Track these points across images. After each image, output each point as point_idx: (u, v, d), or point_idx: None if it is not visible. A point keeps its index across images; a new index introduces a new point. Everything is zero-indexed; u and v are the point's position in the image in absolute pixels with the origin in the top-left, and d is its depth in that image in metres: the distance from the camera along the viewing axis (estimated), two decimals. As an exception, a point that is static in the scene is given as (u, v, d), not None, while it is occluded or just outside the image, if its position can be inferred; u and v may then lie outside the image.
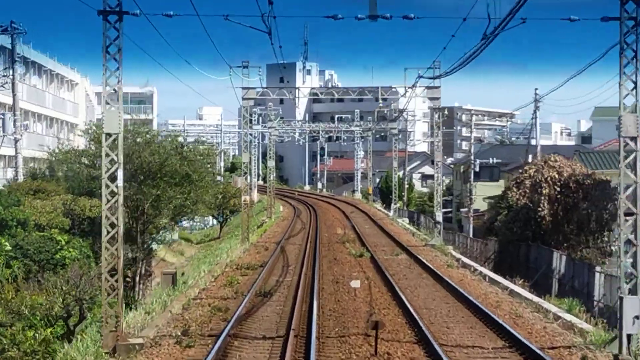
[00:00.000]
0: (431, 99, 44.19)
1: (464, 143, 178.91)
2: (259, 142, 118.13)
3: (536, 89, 58.43)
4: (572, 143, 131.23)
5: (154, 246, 68.38)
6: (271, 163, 78.57)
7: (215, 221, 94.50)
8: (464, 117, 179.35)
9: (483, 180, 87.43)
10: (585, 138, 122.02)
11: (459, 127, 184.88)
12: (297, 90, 57.44)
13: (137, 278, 35.78)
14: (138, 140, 36.93)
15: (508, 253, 45.11)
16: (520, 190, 44.89)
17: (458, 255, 39.03)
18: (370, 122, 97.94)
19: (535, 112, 56.75)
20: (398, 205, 72.03)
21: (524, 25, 22.01)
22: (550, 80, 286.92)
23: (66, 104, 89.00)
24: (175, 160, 36.07)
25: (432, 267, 33.64)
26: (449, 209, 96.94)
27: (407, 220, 70.07)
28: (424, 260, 35.77)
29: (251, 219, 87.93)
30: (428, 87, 43.97)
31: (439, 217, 44.71)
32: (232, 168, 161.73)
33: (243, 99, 46.23)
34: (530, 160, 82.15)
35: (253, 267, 34.45)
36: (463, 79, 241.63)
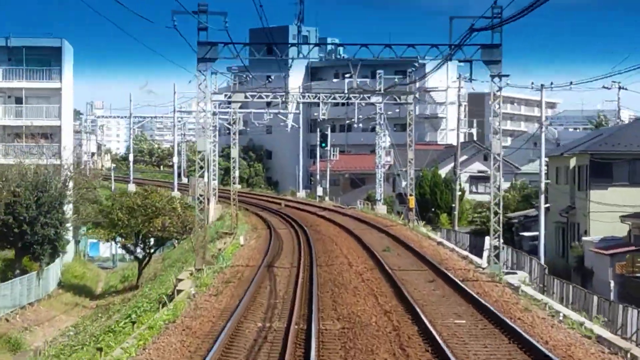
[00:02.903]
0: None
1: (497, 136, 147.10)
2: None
3: None
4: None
5: None
6: (212, 149, 37.21)
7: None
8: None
9: (618, 184, 49.25)
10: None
11: (491, 118, 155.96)
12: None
13: None
14: None
15: None
16: None
17: None
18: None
19: None
20: (500, 241, 32.21)
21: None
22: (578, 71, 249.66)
23: None
24: None
25: None
26: (535, 232, 57.46)
27: (541, 290, 30.44)
28: None
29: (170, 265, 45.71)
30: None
31: None
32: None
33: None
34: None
35: None
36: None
